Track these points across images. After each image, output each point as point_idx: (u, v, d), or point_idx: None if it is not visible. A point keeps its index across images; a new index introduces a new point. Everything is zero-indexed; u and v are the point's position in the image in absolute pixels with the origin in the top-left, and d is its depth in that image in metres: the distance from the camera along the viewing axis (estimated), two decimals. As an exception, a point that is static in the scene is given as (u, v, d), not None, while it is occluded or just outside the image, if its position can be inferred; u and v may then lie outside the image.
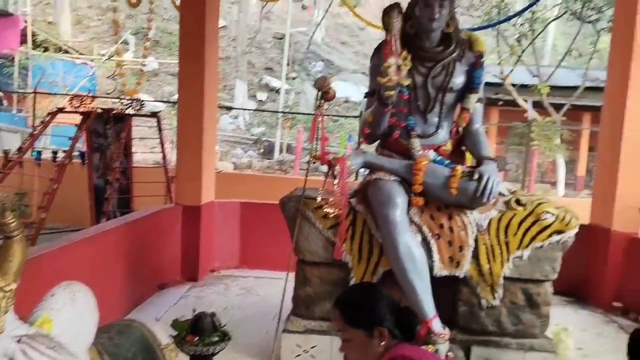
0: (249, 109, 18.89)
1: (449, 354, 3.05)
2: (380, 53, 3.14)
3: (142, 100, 5.62)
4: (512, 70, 12.00)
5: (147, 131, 7.04)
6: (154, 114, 5.96)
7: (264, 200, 5.39)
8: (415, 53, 3.23)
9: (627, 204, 4.76)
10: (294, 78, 23.27)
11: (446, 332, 3.05)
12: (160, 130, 5.86)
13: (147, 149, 8.45)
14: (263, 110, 19.91)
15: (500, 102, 14.23)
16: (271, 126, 19.63)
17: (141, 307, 4.15)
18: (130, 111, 5.58)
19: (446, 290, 3.25)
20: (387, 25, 3.04)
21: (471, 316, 3.25)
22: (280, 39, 23.99)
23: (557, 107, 12.70)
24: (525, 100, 11.85)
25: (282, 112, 18.66)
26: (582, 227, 5.09)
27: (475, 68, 3.33)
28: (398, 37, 3.04)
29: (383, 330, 1.60)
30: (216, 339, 2.18)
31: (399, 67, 2.98)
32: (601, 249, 4.89)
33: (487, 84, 13.73)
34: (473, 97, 3.34)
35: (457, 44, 3.32)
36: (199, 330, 2.18)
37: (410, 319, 1.69)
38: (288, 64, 23.42)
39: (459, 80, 3.31)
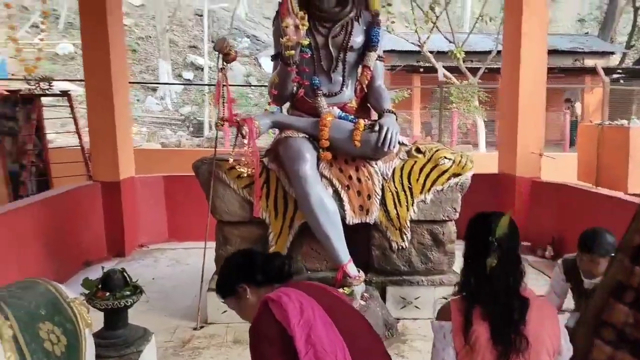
0: (169, 83, 18.46)
1: (365, 294, 3.27)
2: (279, 15, 3.24)
3: (50, 80, 5.43)
4: (428, 37, 12.39)
5: (63, 112, 6.79)
6: (64, 93, 5.77)
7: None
8: (314, 14, 3.37)
9: (528, 150, 5.18)
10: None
11: (361, 275, 3.27)
12: (72, 108, 5.70)
13: (66, 130, 8.13)
14: (185, 84, 19.57)
15: (421, 69, 14.71)
16: (199, 105, 19.29)
17: (66, 285, 4.11)
18: (38, 91, 5.38)
19: (360, 237, 3.47)
20: (282, -14, 3.14)
21: (384, 258, 3.49)
22: (202, 15, 23.40)
23: (475, 71, 13.27)
24: (443, 66, 12.32)
25: (202, 84, 18.44)
26: (491, 175, 5.54)
27: (372, 27, 3.52)
28: (294, -3, 3.15)
29: (242, 286, 1.74)
30: (127, 292, 2.25)
31: (297, 27, 3.10)
32: (508, 193, 5.30)
33: (408, 51, 14.16)
34: (373, 55, 3.53)
35: (353, 4, 3.48)
36: (110, 287, 2.25)
37: (273, 262, 1.79)
38: (212, 41, 22.93)
39: (358, 39, 3.48)
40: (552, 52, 15.34)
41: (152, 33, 22.09)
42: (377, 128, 3.20)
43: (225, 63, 3.18)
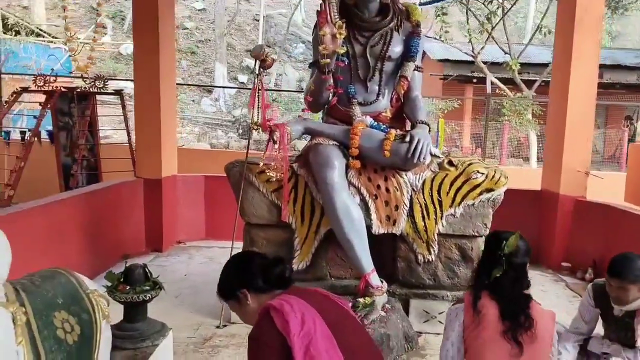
0: (218, 86, 18.91)
1: (386, 305, 3.25)
2: (318, 23, 3.27)
3: (105, 78, 5.71)
4: (482, 48, 12.14)
5: (119, 110, 7.12)
6: (117, 92, 6.05)
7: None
8: (354, 23, 3.39)
9: (574, 168, 4.99)
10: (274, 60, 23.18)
11: (383, 286, 3.24)
12: (123, 107, 5.97)
13: (120, 126, 8.49)
14: (233, 87, 20.02)
15: (474, 80, 14.42)
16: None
17: (103, 275, 4.30)
18: (93, 89, 5.67)
19: (386, 247, 3.45)
20: (323, -6, 3.17)
21: (409, 271, 3.45)
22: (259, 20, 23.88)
23: (531, 83, 12.89)
24: (497, 78, 12.02)
25: (250, 88, 18.81)
26: (533, 192, 5.37)
27: (412, 37, 3.50)
28: (334, 6, 3.18)
29: (242, 292, 1.75)
30: (147, 287, 2.34)
31: (334, 36, 3.12)
32: (551, 212, 5.12)
33: (461, 61, 13.91)
34: (411, 65, 3.51)
35: (394, 13, 3.48)
36: (131, 281, 2.35)
37: (273, 269, 1.77)
38: (268, 46, 23.31)
39: (397, 49, 3.47)
40: (616, 67, 14.72)
41: (211, 36, 22.73)
42: (408, 139, 3.18)
43: (262, 69, 3.25)
